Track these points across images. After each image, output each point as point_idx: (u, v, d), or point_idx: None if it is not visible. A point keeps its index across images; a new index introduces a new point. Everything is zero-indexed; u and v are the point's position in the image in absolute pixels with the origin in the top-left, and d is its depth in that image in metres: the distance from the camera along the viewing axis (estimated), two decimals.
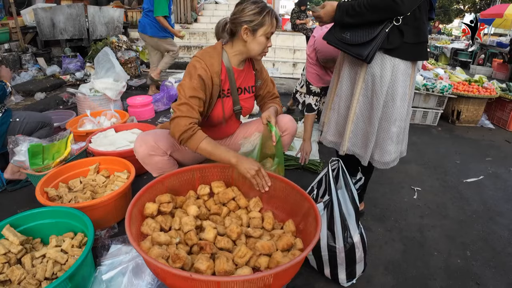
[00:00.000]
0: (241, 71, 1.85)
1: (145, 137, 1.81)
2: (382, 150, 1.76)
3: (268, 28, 1.67)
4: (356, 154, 1.84)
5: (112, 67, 3.71)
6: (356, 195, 1.63)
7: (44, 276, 1.49)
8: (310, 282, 1.67)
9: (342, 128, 1.85)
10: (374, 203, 2.39)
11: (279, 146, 1.78)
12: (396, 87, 1.64)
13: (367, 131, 1.75)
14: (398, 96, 1.65)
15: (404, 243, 2.00)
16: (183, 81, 1.69)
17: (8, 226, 1.61)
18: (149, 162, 1.81)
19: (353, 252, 1.58)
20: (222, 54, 1.75)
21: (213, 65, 1.70)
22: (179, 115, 1.61)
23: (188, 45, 7.34)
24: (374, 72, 1.63)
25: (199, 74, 1.66)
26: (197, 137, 1.60)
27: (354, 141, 1.81)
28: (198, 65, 1.68)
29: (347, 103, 1.80)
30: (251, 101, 1.98)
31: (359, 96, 1.72)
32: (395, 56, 1.59)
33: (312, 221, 1.43)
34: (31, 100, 4.51)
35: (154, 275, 1.54)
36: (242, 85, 1.88)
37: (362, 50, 1.54)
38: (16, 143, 2.17)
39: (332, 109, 1.86)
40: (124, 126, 2.85)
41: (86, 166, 2.25)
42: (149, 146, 1.77)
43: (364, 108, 1.73)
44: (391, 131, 1.72)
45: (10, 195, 2.35)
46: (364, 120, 1.75)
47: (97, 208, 1.83)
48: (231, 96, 1.85)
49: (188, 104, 1.62)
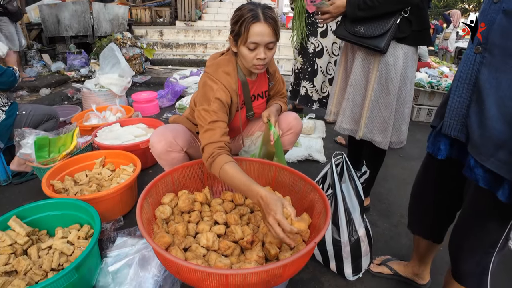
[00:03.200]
0: (254, 81, 1.76)
1: (164, 132, 1.73)
2: (398, 131, 1.85)
3: (245, 38, 1.47)
4: (373, 140, 1.87)
5: (117, 63, 3.72)
6: (361, 189, 1.63)
7: (51, 267, 1.50)
8: (316, 276, 1.67)
9: (358, 115, 1.90)
10: (380, 199, 2.38)
11: (278, 145, 1.76)
12: (407, 72, 1.75)
13: (384, 116, 1.80)
14: (408, 80, 1.77)
15: (410, 239, 1.99)
16: (201, 106, 1.56)
17: (14, 217, 1.62)
18: (166, 158, 1.74)
19: (358, 246, 1.58)
20: (237, 69, 1.65)
21: (230, 84, 1.60)
22: (204, 144, 1.49)
23: (193, 42, 7.35)
24: (387, 61, 1.71)
25: (218, 97, 1.54)
26: (219, 161, 1.42)
27: (370, 127, 1.85)
28: (215, 86, 1.56)
29: (361, 91, 1.85)
30: (263, 106, 1.91)
31: (374, 84, 1.77)
32: (405, 43, 1.69)
33: (320, 210, 1.42)
34: (36, 96, 4.54)
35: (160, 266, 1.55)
36: (255, 92, 1.81)
37: (379, 42, 1.63)
38: (22, 136, 2.18)
39: (346, 99, 1.90)
40: (130, 121, 2.86)
41: (92, 159, 2.26)
42: (168, 142, 1.70)
43: (380, 95, 1.78)
44: (404, 113, 1.82)
45: (16, 188, 2.37)
46: (379, 107, 1.80)
47: (103, 200, 1.83)
48: (244, 106, 1.79)
49: (210, 129, 1.49)
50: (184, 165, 1.67)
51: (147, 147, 2.29)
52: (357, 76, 1.83)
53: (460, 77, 1.00)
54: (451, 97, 1.01)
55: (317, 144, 3.10)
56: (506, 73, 0.87)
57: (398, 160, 3.03)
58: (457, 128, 1.01)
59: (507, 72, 0.87)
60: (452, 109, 1.01)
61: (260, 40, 1.47)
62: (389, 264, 1.70)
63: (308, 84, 3.41)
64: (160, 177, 1.54)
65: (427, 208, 1.35)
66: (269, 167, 1.73)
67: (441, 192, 1.27)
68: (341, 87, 1.99)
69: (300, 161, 2.84)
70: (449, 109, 1.02)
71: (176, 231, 1.38)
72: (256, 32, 1.45)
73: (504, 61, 0.88)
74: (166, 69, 6.46)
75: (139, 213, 1.24)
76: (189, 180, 1.71)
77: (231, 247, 1.32)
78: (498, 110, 0.88)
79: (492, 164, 0.89)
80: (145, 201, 1.37)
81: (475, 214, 1.05)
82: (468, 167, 0.97)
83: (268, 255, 1.31)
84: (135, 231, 1.80)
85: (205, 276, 1.04)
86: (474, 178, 0.95)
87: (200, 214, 1.57)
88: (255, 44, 1.48)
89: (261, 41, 1.47)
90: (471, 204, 1.06)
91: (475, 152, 0.93)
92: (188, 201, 1.53)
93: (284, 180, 1.69)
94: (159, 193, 1.55)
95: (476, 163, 0.94)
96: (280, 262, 1.04)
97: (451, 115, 1.02)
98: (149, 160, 2.56)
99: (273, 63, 1.91)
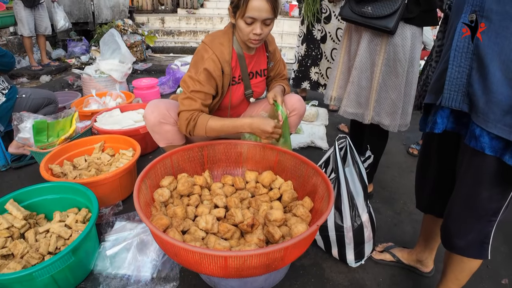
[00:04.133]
0: (252, 56, 1.75)
1: (157, 104, 1.72)
2: (406, 113, 1.83)
3: (243, 11, 1.47)
4: (381, 123, 1.84)
5: (118, 49, 3.66)
6: (365, 173, 1.59)
7: (48, 251, 1.48)
8: (317, 262, 1.64)
9: (364, 99, 1.85)
10: (383, 186, 2.34)
11: (285, 125, 1.72)
12: (415, 53, 1.71)
13: (392, 99, 1.77)
14: (416, 61, 1.73)
15: (414, 226, 1.96)
16: (189, 72, 1.61)
17: (11, 201, 1.59)
18: (159, 130, 1.71)
19: (361, 231, 1.55)
20: (232, 40, 1.65)
21: (223, 54, 1.60)
22: (181, 110, 1.58)
23: (194, 30, 7.25)
24: (395, 42, 1.67)
25: (206, 68, 1.56)
26: (201, 121, 1.54)
27: (378, 110, 1.81)
28: (206, 55, 1.58)
29: (367, 74, 1.80)
30: (262, 85, 1.90)
31: (381, 66, 1.73)
32: (413, 24, 1.65)
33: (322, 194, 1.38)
34: (37, 82, 4.50)
35: (159, 250, 1.52)
36: (253, 69, 1.79)
37: (387, 22, 1.59)
38: (20, 119, 2.15)
39: (351, 82, 1.84)
40: (130, 106, 2.82)
41: (91, 144, 2.22)
42: (161, 114, 1.67)
43: (388, 77, 1.74)
44: (411, 95, 1.80)
45: (15, 173, 2.34)
46: (387, 89, 1.76)
47: (102, 184, 1.80)
48: (242, 82, 1.77)
49: (190, 98, 1.57)
50: (184, 148, 1.63)
51: (147, 132, 2.26)
52: (363, 59, 1.78)
53: (457, 46, 0.97)
54: (450, 68, 0.98)
55: (320, 131, 3.05)
56: (507, 38, 0.87)
57: (401, 148, 2.98)
58: (458, 99, 0.98)
59: (507, 37, 0.87)
60: (452, 80, 0.98)
61: (257, 15, 1.47)
62: (392, 251, 1.67)
63: (316, 69, 3.36)
64: (159, 159, 1.51)
65: (431, 183, 1.33)
66: (271, 151, 1.69)
67: (442, 166, 1.26)
68: (342, 71, 1.94)
69: (303, 148, 2.80)
70: (449, 80, 0.99)
71: (174, 214, 1.35)
72: (254, 7, 1.45)
73: (503, 26, 0.87)
74: (168, 56, 6.39)
75: (136, 195, 1.21)
76: (189, 163, 1.67)
77: (230, 230, 1.29)
78: (503, 74, 0.88)
79: (500, 130, 0.89)
80: (143, 183, 1.34)
81: (477, 183, 1.03)
82: (472, 136, 0.96)
83: (272, 240, 1.28)
84: (134, 216, 1.77)
85: (204, 258, 1.01)
86: (479, 147, 0.94)
87: (200, 198, 1.54)
88: (252, 19, 1.48)
89: (259, 16, 1.47)
90: (471, 174, 1.04)
91: (481, 120, 0.92)
92: (187, 184, 1.49)
93: (286, 164, 1.65)
94: (157, 176, 1.51)
95: (482, 131, 0.93)
96: (282, 244, 1.00)
97: (451, 87, 0.99)
98: (149, 146, 2.53)
99: (273, 42, 1.87)
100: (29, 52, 4.70)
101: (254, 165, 1.77)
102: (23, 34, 4.51)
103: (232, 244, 1.25)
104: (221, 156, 1.76)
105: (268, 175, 1.63)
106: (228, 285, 1.38)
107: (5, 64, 2.38)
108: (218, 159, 1.77)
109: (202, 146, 1.69)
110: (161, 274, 1.49)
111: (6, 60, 2.38)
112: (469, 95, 0.96)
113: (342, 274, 1.59)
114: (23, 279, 1.23)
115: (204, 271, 1.07)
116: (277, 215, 1.33)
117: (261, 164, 1.73)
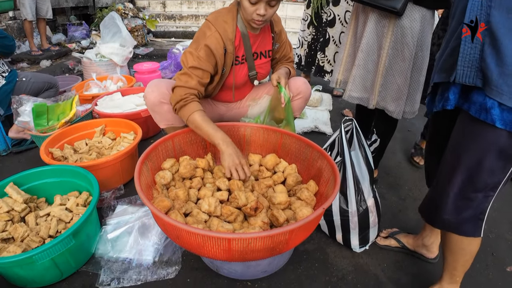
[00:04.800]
0: (257, 35, 1.70)
1: (158, 83, 1.67)
2: (413, 100, 1.76)
3: None
4: (386, 109, 1.78)
5: (118, 32, 3.59)
6: (371, 157, 1.55)
7: (48, 234, 1.46)
8: (321, 247, 1.62)
9: (370, 83, 1.79)
10: (387, 172, 2.31)
11: (288, 108, 1.68)
12: (424, 37, 1.63)
13: (398, 84, 1.71)
14: (425, 46, 1.65)
15: (418, 213, 1.93)
16: (189, 48, 1.56)
17: (11, 184, 1.57)
18: (159, 110, 1.68)
19: (366, 216, 1.52)
20: (237, 18, 1.60)
21: (226, 32, 1.55)
22: (177, 85, 1.52)
23: (196, 14, 7.13)
24: (403, 24, 1.60)
25: (207, 44, 1.51)
26: (189, 108, 1.48)
27: (383, 95, 1.76)
28: (208, 32, 1.54)
29: (373, 57, 1.74)
30: (267, 66, 1.85)
31: (388, 50, 1.67)
32: (423, 6, 1.57)
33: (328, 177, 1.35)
34: (37, 67, 4.45)
35: (161, 234, 1.50)
36: (258, 49, 1.75)
37: (395, 2, 1.52)
38: (20, 103, 2.11)
39: (357, 66, 1.78)
40: (131, 90, 2.77)
41: (92, 128, 2.19)
42: (161, 93, 1.64)
43: (394, 61, 1.68)
44: (420, 81, 1.73)
45: (15, 158, 2.32)
46: (394, 73, 1.70)
47: (103, 168, 1.77)
48: (246, 62, 1.72)
49: (188, 75, 1.52)
50: (186, 130, 1.60)
51: (149, 116, 2.22)
52: (370, 41, 1.71)
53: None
54: (463, 44, 0.98)
55: (324, 116, 3.00)
56: None
57: (406, 134, 2.94)
58: (471, 74, 0.98)
59: None
60: (465, 56, 0.98)
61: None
62: (397, 237, 1.64)
63: (320, 55, 3.29)
64: (160, 141, 1.47)
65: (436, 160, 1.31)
66: (274, 134, 1.65)
67: None
68: (349, 53, 1.88)
69: (306, 133, 2.76)
70: (462, 56, 0.99)
71: (176, 196, 1.32)
72: None
73: None
74: (169, 41, 6.30)
75: (137, 177, 1.18)
76: (191, 146, 1.64)
77: (234, 213, 1.26)
78: None
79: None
80: (144, 165, 1.31)
81: (481, 156, 1.02)
82: (483, 109, 0.96)
83: (276, 223, 1.25)
84: (135, 200, 1.75)
85: (207, 241, 0.98)
86: (490, 119, 0.95)
87: (202, 181, 1.50)
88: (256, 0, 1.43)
89: None
90: (476, 147, 1.03)
91: (495, 93, 0.93)
92: (189, 167, 1.46)
93: (291, 147, 1.62)
94: (159, 158, 1.48)
95: (493, 104, 0.94)
96: (287, 227, 0.98)
97: (464, 63, 0.99)
98: (150, 130, 2.49)
99: (279, 23, 1.82)
100: (29, 36, 4.63)
101: (258, 148, 1.74)
102: (27, 18, 4.43)
103: (236, 227, 1.22)
104: None
105: (272, 158, 1.60)
106: (231, 268, 1.36)
107: (6, 46, 2.33)
108: None
109: None
110: (163, 257, 1.48)
111: (7, 43, 2.32)
112: (482, 69, 0.95)
113: (346, 259, 1.57)
114: (23, 262, 1.21)
115: (206, 254, 1.05)
116: (282, 198, 1.31)
117: (265, 147, 1.70)
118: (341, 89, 3.67)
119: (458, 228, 1.15)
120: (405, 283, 1.48)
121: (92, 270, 1.45)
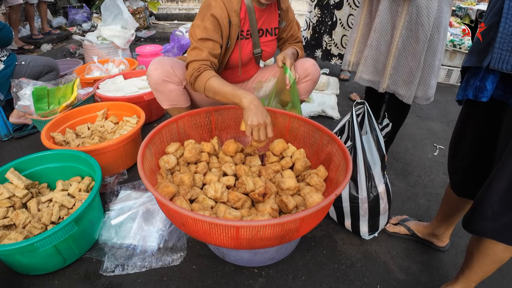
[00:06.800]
0: (263, 11, 1.64)
1: (162, 61, 1.61)
2: (426, 85, 1.67)
3: None
4: (397, 93, 1.71)
5: (120, 14, 3.50)
6: (383, 142, 1.49)
7: (50, 220, 1.43)
8: (329, 234, 1.59)
9: (382, 65, 1.72)
10: (396, 158, 2.25)
11: (294, 90, 1.62)
12: (441, 18, 1.54)
13: (411, 66, 1.63)
14: (442, 27, 1.56)
15: (428, 199, 1.89)
16: (195, 21, 1.50)
17: (12, 170, 1.53)
18: (162, 89, 1.62)
19: (377, 203, 1.47)
20: None
21: (231, 3, 1.50)
22: (189, 60, 1.47)
23: None
24: (419, 3, 1.51)
25: (212, 14, 1.46)
26: (204, 76, 1.42)
27: (395, 78, 1.69)
28: (213, 3, 1.48)
29: (387, 37, 1.66)
30: (272, 45, 1.78)
31: (402, 30, 1.58)
32: None
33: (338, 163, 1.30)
34: (38, 51, 4.38)
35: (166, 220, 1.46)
36: (263, 26, 1.69)
37: None
38: (19, 86, 2.06)
39: (369, 46, 1.70)
40: (133, 73, 2.71)
41: (94, 111, 2.14)
42: (164, 71, 1.58)
43: (408, 42, 1.60)
44: (435, 65, 1.63)
45: (17, 143, 2.28)
46: (406, 56, 1.63)
47: (105, 152, 1.73)
48: (251, 38, 1.66)
49: (197, 48, 1.46)
50: (190, 112, 1.54)
51: (152, 99, 2.16)
52: (383, 20, 1.63)
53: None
54: (503, 22, 0.82)
55: (331, 100, 2.93)
56: None
57: (415, 120, 2.87)
58: (511, 60, 0.83)
59: None
60: (504, 37, 0.83)
61: None
62: (407, 224, 1.60)
63: (327, 38, 3.19)
64: (164, 124, 1.42)
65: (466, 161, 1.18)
66: (282, 117, 1.59)
67: (479, 141, 1.11)
68: (363, 33, 1.79)
69: (313, 117, 2.70)
70: (501, 37, 0.83)
71: (181, 181, 1.27)
72: None
73: None
74: (172, 24, 6.18)
75: (140, 161, 1.13)
76: (196, 129, 1.58)
77: (241, 199, 1.21)
78: None
79: None
80: (147, 149, 1.26)
81: None
82: None
83: (285, 209, 1.20)
84: (139, 185, 1.71)
85: (213, 228, 0.94)
86: None
87: (208, 166, 1.46)
88: None
89: None
90: None
91: None
92: (194, 151, 1.41)
93: (299, 131, 1.56)
94: (163, 142, 1.43)
95: None
96: (297, 214, 0.93)
97: (502, 45, 0.83)
98: (153, 114, 2.44)
99: (286, 0, 1.74)
100: (31, 20, 4.54)
101: None
102: (28, 1, 4.33)
103: (243, 214, 1.18)
104: (230, 122, 1.67)
105: (279, 143, 1.54)
106: (237, 255, 1.33)
107: (3, 38, 2.24)
108: (226, 125, 1.67)
109: (209, 111, 1.60)
110: (168, 244, 1.44)
111: (4, 34, 2.24)
112: None
113: (354, 247, 1.54)
114: (25, 249, 1.18)
115: (213, 241, 1.01)
116: (290, 184, 1.26)
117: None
118: (347, 73, 3.59)
119: (498, 235, 1.00)
120: (414, 271, 1.45)
121: (96, 256, 1.42)
